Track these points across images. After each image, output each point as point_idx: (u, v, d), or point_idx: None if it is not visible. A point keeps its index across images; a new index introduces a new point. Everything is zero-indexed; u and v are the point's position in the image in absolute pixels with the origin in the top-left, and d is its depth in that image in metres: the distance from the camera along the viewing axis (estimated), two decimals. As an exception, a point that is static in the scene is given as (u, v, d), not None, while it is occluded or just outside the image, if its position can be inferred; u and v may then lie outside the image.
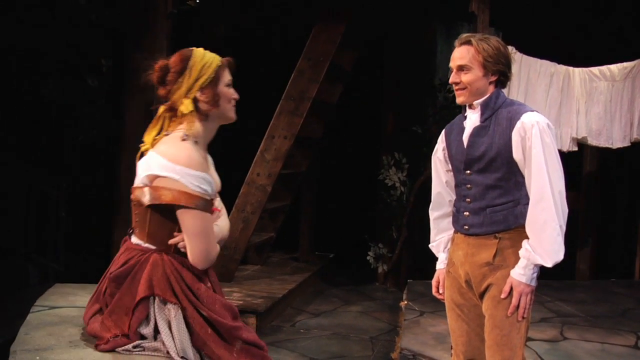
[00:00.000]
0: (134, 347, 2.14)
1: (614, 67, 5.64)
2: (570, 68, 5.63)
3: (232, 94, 2.32)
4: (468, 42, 2.67)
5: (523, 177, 2.59)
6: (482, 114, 2.68)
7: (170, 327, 2.15)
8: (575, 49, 6.33)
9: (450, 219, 2.83)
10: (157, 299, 2.17)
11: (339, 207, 7.95)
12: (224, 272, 6.03)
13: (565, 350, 4.44)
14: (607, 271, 7.25)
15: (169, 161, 2.13)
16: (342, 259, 7.77)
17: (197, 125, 2.24)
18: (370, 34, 6.59)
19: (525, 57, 5.50)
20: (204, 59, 2.24)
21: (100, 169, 6.51)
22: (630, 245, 7.36)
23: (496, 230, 2.63)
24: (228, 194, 6.03)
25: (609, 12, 6.56)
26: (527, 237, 2.57)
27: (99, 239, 6.30)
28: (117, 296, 2.20)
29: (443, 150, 2.85)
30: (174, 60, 2.25)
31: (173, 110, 2.26)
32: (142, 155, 2.26)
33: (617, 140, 5.66)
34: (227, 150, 7.38)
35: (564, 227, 2.52)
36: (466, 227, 2.68)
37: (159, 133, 2.26)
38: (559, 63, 5.61)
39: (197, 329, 2.17)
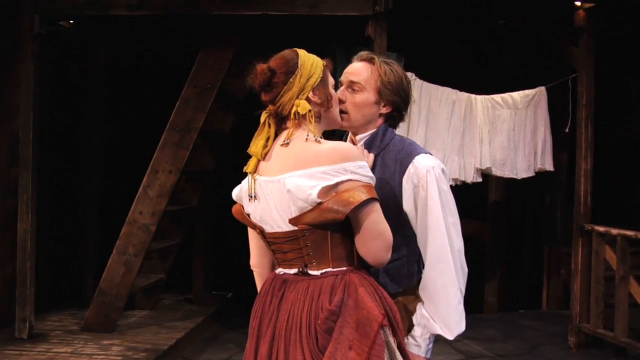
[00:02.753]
0: None
1: (516, 95, 5.47)
2: (473, 95, 5.41)
3: (337, 96, 2.15)
4: (370, 60, 2.27)
5: (412, 231, 2.19)
6: None
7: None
8: (477, 77, 6.14)
9: None
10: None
11: (239, 242, 7.42)
12: (105, 322, 5.44)
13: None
14: (515, 302, 7.08)
15: (332, 164, 1.89)
16: (241, 298, 7.23)
17: (316, 126, 2.02)
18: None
19: (426, 84, 5.22)
20: (310, 57, 2.05)
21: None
22: (536, 274, 7.24)
23: None
24: (113, 233, 5.60)
25: (510, 40, 6.43)
26: (416, 301, 2.19)
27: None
28: (336, 332, 1.89)
29: None
30: (277, 61, 2.03)
31: (280, 116, 2.04)
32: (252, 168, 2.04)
33: (521, 170, 5.47)
34: (108, 189, 6.79)
35: (464, 290, 2.15)
36: None
37: (267, 141, 2.04)
38: (460, 90, 5.36)
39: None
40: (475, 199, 6.79)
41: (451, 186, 5.02)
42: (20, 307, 5.21)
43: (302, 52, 2.07)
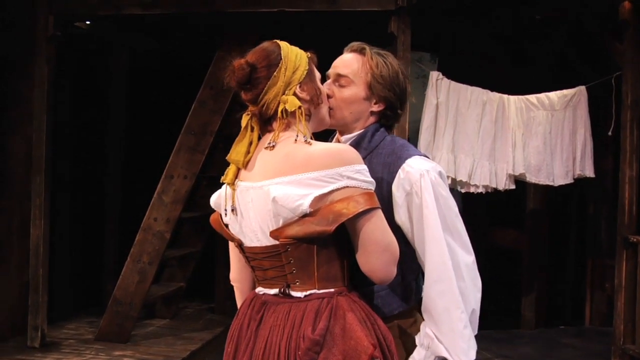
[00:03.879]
0: None
1: (553, 95, 5.07)
2: (505, 96, 5.03)
3: (325, 92, 1.91)
4: (360, 51, 1.99)
5: (407, 246, 1.89)
6: None
7: None
8: (511, 76, 5.76)
9: None
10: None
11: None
12: (119, 332, 5.27)
13: None
14: (556, 316, 6.65)
15: (325, 168, 1.65)
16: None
17: (307, 125, 1.79)
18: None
19: (453, 83, 4.88)
20: (293, 49, 1.82)
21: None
22: (580, 287, 6.79)
23: None
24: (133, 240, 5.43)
25: (548, 35, 6.01)
26: (416, 324, 1.93)
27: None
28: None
29: None
30: (257, 55, 1.79)
31: (264, 117, 1.79)
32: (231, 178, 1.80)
33: (558, 176, 5.06)
34: (127, 195, 6.65)
35: (477, 309, 1.84)
36: None
37: (249, 147, 1.79)
38: (492, 90, 4.99)
39: None
40: (513, 207, 6.41)
41: (481, 193, 4.66)
42: (33, 315, 5.08)
43: (283, 44, 1.83)
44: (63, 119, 6.34)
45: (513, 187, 5.05)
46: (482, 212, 6.71)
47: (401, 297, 1.93)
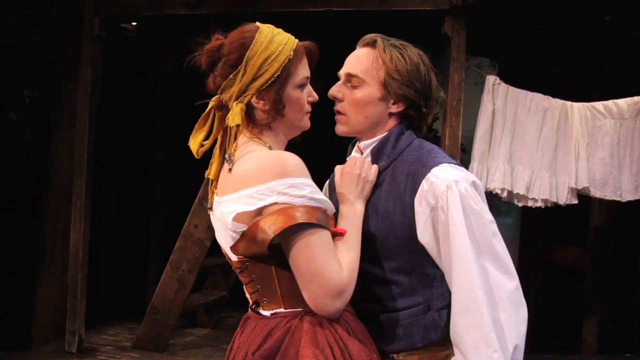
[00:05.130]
0: None
1: (622, 102, 4.64)
2: (568, 103, 4.64)
3: (304, 99, 1.65)
4: (372, 44, 1.75)
5: (435, 268, 1.63)
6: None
7: None
8: (575, 82, 5.36)
9: None
10: None
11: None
12: (156, 340, 5.13)
13: None
14: (621, 343, 6.17)
15: (259, 184, 1.50)
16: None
17: (236, 145, 1.62)
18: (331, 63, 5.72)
19: (511, 88, 4.54)
20: (269, 48, 1.58)
21: (25, 212, 5.68)
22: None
23: (394, 350, 1.67)
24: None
25: (616, 39, 5.59)
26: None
27: (19, 296, 5.48)
28: None
29: None
30: (229, 43, 1.61)
31: (224, 110, 1.64)
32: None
33: (627, 191, 4.64)
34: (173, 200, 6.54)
35: (522, 344, 1.55)
36: None
37: (206, 137, 1.67)
38: (554, 96, 4.62)
39: None
40: (575, 223, 5.99)
41: (540, 208, 4.27)
42: (71, 320, 5.00)
43: (261, 36, 1.59)
44: (113, 123, 6.32)
45: (575, 201, 4.65)
46: (541, 226, 6.32)
47: (429, 327, 1.65)
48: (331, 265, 1.48)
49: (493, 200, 5.93)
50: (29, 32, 5.43)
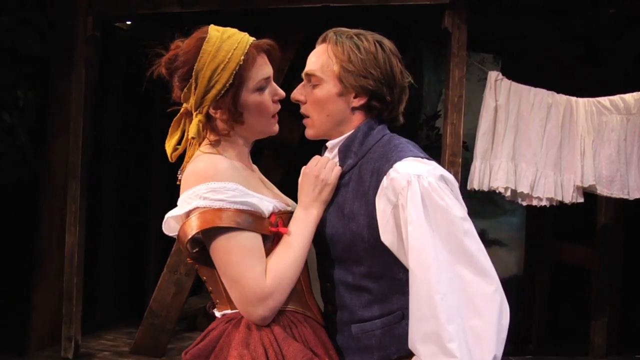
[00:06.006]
0: None
1: (629, 97, 4.54)
2: (573, 98, 4.54)
3: (265, 102, 1.62)
4: (324, 39, 1.68)
5: (407, 272, 1.50)
6: (340, 164, 1.63)
7: None
8: (580, 77, 5.24)
9: None
10: None
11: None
12: (154, 345, 5.04)
13: None
14: (630, 344, 6.05)
15: (189, 188, 1.56)
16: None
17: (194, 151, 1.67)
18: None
19: (514, 84, 4.44)
20: (217, 57, 1.55)
21: (20, 216, 5.62)
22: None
23: None
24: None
25: (623, 32, 5.48)
26: None
27: (14, 301, 5.42)
28: None
29: None
30: (183, 54, 1.61)
31: (192, 117, 1.67)
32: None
33: (634, 189, 4.54)
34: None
35: (499, 354, 1.43)
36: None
37: (179, 141, 1.71)
38: (558, 92, 4.51)
39: None
40: (582, 221, 5.88)
41: (545, 207, 4.17)
42: (66, 325, 4.91)
43: (209, 45, 1.57)
44: (110, 125, 6.24)
45: (581, 200, 4.55)
46: (547, 225, 6.21)
47: (404, 337, 1.52)
48: (251, 271, 1.46)
49: (497, 198, 5.86)
50: (22, 32, 5.36)
